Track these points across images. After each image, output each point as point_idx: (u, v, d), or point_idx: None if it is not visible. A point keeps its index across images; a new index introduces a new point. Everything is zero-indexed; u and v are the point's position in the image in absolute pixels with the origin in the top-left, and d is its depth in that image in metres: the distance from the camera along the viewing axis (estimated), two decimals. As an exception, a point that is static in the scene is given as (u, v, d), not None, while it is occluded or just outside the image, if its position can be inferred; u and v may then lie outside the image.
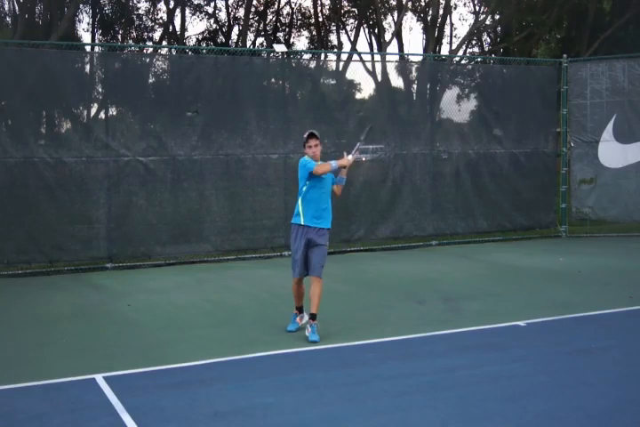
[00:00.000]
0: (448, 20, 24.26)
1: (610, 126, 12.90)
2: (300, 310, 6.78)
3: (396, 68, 13.20)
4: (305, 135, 6.58)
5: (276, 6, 27.36)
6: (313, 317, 6.40)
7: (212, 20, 27.78)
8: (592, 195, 13.14)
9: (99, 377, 5.22)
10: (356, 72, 12.98)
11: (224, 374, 5.37)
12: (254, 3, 25.36)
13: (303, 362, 5.67)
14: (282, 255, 11.15)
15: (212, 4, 26.97)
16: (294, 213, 6.61)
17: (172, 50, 18.20)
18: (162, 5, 25.29)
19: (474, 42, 26.31)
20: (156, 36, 26.07)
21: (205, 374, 5.35)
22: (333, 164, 6.47)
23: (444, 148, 12.54)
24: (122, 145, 10.34)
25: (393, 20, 24.97)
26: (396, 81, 12.93)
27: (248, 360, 5.68)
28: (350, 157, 6.61)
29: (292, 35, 28.34)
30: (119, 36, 24.93)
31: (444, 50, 26.56)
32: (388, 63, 14.77)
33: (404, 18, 24.15)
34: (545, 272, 9.57)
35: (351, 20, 26.79)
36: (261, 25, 27.50)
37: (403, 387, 4.96)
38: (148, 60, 12.10)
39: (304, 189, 6.54)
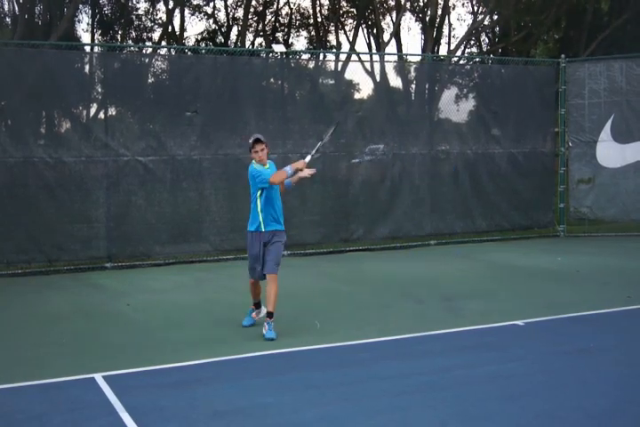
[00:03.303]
0: (446, 21, 24.24)
1: (608, 126, 12.92)
2: (257, 305, 6.89)
3: (395, 69, 13.21)
4: (250, 140, 6.53)
5: (274, 6, 27.34)
6: (270, 315, 6.41)
7: (211, 21, 27.76)
8: (590, 195, 13.16)
9: (98, 377, 5.23)
10: (354, 72, 13.00)
11: (223, 373, 5.38)
12: (253, 3, 25.35)
13: (302, 362, 5.68)
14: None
15: (212, 5, 26.96)
16: (251, 220, 6.56)
17: (172, 50, 18.18)
18: (161, 6, 25.28)
19: (472, 42, 26.31)
20: (156, 36, 26.05)
21: (205, 373, 5.36)
22: (288, 170, 6.44)
23: (442, 147, 12.56)
24: (121, 145, 10.34)
25: (391, 20, 24.96)
26: (395, 81, 12.96)
27: (247, 360, 5.69)
28: (308, 157, 6.62)
29: (291, 35, 28.33)
30: (118, 37, 24.91)
31: (443, 50, 26.57)
32: (386, 63, 14.76)
33: (403, 18, 24.15)
34: (543, 272, 9.58)
35: (350, 21, 26.78)
36: (260, 25, 27.47)
37: (401, 386, 4.97)
38: (147, 60, 12.10)
39: (258, 197, 6.49)
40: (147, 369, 5.46)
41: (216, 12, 27.64)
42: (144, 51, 18.91)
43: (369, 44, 25.75)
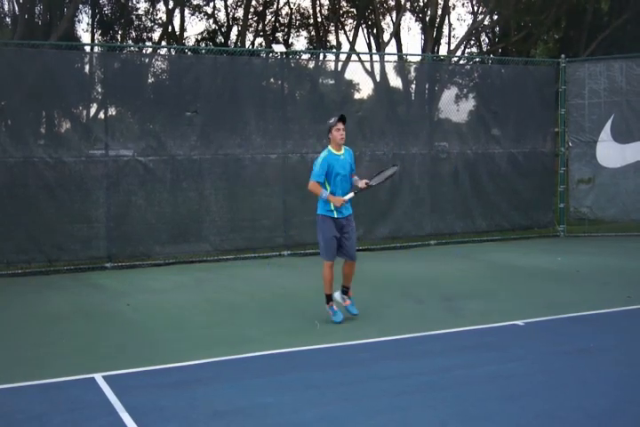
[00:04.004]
0: (446, 21, 24.23)
1: (608, 126, 12.92)
2: (330, 298, 6.93)
3: (395, 69, 13.21)
4: (333, 119, 6.77)
5: (274, 6, 27.32)
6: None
7: (211, 21, 27.75)
8: (590, 195, 13.15)
9: (98, 377, 5.23)
10: (354, 72, 13.02)
11: (223, 373, 5.37)
12: (253, 3, 25.32)
13: (302, 362, 5.68)
14: (281, 255, 11.17)
15: (212, 5, 26.95)
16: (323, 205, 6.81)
17: (172, 50, 18.18)
18: (161, 6, 25.28)
19: (472, 42, 26.28)
20: (156, 36, 26.04)
21: (204, 373, 5.36)
22: (323, 196, 6.73)
23: (442, 147, 12.56)
24: (121, 145, 10.35)
25: (391, 20, 24.94)
26: (395, 81, 12.95)
27: (247, 360, 5.69)
28: (349, 196, 6.82)
29: (291, 35, 28.32)
30: (118, 37, 24.90)
31: (443, 50, 26.56)
32: (386, 63, 14.76)
33: (403, 18, 24.13)
34: (543, 272, 9.58)
35: (350, 21, 26.76)
36: (260, 25, 27.46)
37: (401, 386, 4.97)
38: (147, 60, 12.10)
39: (326, 185, 6.76)
40: (147, 369, 5.46)
41: (216, 11, 27.64)
42: (144, 51, 18.91)
43: (369, 44, 25.75)
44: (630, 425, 4.33)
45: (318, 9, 26.36)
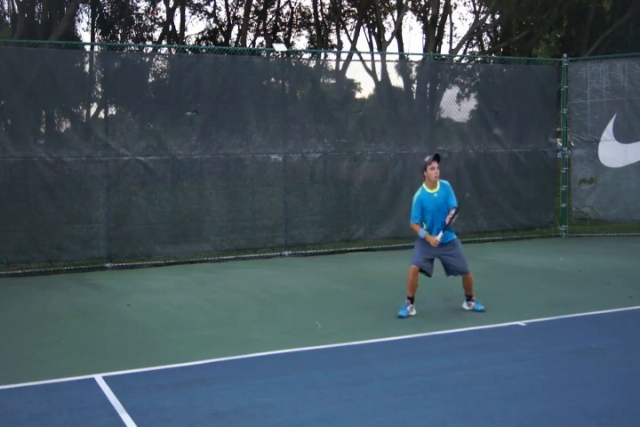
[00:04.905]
0: (448, 20, 24.24)
1: (610, 126, 12.90)
2: (412, 300, 7.18)
3: (396, 68, 13.17)
4: (428, 158, 7.13)
5: (275, 6, 27.33)
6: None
7: (211, 20, 27.79)
8: (592, 194, 13.13)
9: (98, 377, 5.22)
10: (355, 72, 13.04)
11: (224, 373, 5.36)
12: (254, 2, 25.33)
13: (303, 362, 5.66)
14: (282, 255, 11.15)
15: (212, 4, 27.00)
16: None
17: (172, 49, 18.18)
18: (161, 5, 25.30)
19: (474, 41, 26.29)
20: (156, 35, 26.09)
21: (205, 373, 5.35)
22: (421, 235, 7.23)
23: (443, 147, 12.54)
24: (121, 145, 10.33)
25: (393, 19, 24.97)
26: (396, 80, 12.92)
27: (248, 360, 5.67)
28: (439, 236, 7.08)
29: (292, 34, 28.34)
30: (119, 36, 24.92)
31: (444, 49, 26.63)
32: (387, 63, 14.71)
33: (404, 17, 24.14)
34: (545, 272, 9.56)
35: (351, 20, 26.77)
36: (261, 24, 27.47)
37: (403, 387, 4.95)
38: (147, 59, 12.08)
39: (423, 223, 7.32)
40: (147, 369, 5.45)
41: (217, 11, 27.74)
42: (144, 50, 18.89)
43: (370, 44, 25.76)
44: (630, 425, 4.31)
45: (319, 8, 26.39)
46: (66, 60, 10.30)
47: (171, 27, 24.97)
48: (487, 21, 24.25)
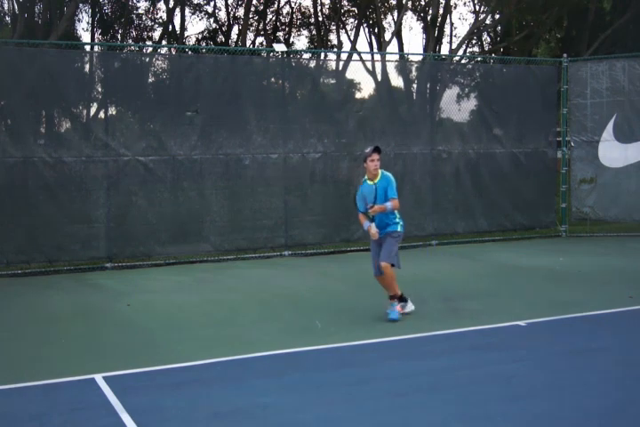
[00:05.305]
0: (448, 20, 24.22)
1: (610, 126, 12.90)
2: (400, 298, 7.10)
3: (396, 68, 13.18)
4: (368, 149, 7.06)
5: (275, 6, 27.31)
6: (391, 297, 7.03)
7: (211, 20, 27.75)
8: (592, 194, 13.12)
9: (98, 377, 5.21)
10: (355, 72, 13.04)
11: (224, 374, 5.35)
12: (254, 2, 25.31)
13: (303, 362, 5.66)
14: (282, 255, 11.15)
15: (212, 4, 26.97)
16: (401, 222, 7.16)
17: (172, 49, 18.17)
18: (161, 5, 25.28)
19: (474, 41, 26.27)
20: (156, 35, 26.05)
21: (205, 374, 5.34)
22: (365, 226, 7.17)
23: (443, 147, 12.54)
24: (121, 145, 10.33)
25: (393, 19, 24.94)
26: (396, 80, 12.92)
27: (248, 360, 5.67)
28: (373, 229, 7.02)
29: (292, 34, 28.31)
30: (119, 36, 24.90)
31: (444, 49, 26.62)
32: (387, 63, 14.74)
33: (404, 17, 24.13)
34: (545, 272, 9.56)
35: (351, 20, 26.75)
36: (261, 24, 27.46)
37: (403, 387, 4.95)
38: (147, 59, 12.08)
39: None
40: (147, 370, 5.44)
41: (217, 11, 27.67)
42: (144, 50, 18.89)
43: (370, 44, 25.74)
44: (630, 425, 4.31)
45: (319, 8, 26.38)
46: (66, 60, 10.30)
47: (171, 27, 24.96)
48: (487, 21, 24.25)
